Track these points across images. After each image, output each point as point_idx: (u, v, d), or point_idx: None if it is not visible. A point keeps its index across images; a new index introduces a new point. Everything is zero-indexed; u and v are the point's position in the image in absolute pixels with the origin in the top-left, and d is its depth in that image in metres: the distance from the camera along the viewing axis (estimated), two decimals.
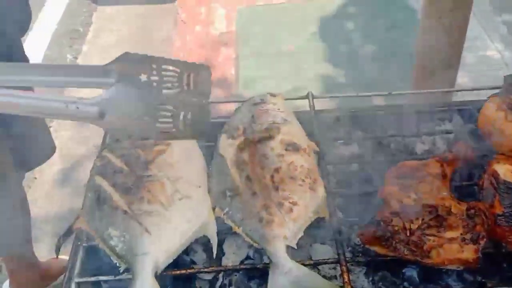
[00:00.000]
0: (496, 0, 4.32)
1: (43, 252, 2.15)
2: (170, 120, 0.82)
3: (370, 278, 1.05)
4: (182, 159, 1.11)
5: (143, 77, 0.82)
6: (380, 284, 1.04)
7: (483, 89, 1.32)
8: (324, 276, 1.06)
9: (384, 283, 1.04)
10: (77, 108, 0.78)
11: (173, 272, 1.00)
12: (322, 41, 4.01)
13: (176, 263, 1.03)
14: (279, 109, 1.20)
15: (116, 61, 0.83)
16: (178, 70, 0.83)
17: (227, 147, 1.13)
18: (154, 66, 0.84)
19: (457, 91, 1.38)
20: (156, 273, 0.96)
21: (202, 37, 4.10)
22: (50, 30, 4.07)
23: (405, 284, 1.03)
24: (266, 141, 1.12)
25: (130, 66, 0.83)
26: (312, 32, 4.07)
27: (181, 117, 0.82)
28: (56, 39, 4.01)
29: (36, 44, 3.92)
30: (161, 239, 0.99)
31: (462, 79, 3.60)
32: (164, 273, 0.99)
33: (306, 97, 1.34)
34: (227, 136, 1.15)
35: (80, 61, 3.93)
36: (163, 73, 0.83)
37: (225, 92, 3.44)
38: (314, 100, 1.33)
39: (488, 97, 1.21)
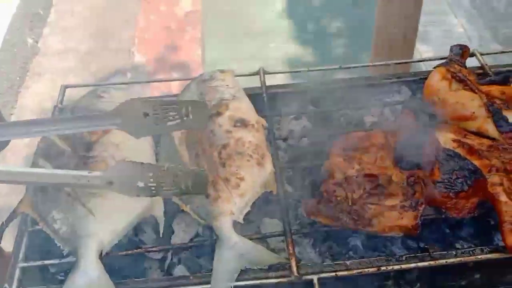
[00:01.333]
0: None
1: (8, 242, 2.11)
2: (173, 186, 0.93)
3: (317, 249, 1.07)
4: (128, 139, 1.08)
5: (146, 115, 0.94)
6: (327, 254, 1.06)
7: (430, 60, 1.33)
8: (273, 249, 1.08)
9: (330, 253, 1.06)
10: (88, 181, 0.90)
11: (119, 253, 0.99)
12: (289, 19, 3.99)
13: (124, 244, 1.03)
14: (227, 85, 1.19)
15: (121, 105, 0.92)
16: (177, 107, 0.94)
17: None
18: (155, 105, 0.94)
19: (405, 62, 1.39)
20: (101, 254, 0.96)
21: (167, 17, 4.03)
22: (9, 13, 3.92)
23: (350, 253, 1.05)
24: (214, 118, 1.11)
25: (133, 108, 0.93)
26: (279, 11, 4.04)
27: (183, 186, 0.93)
28: (15, 23, 3.86)
29: None
30: (105, 220, 0.98)
31: (427, 53, 3.64)
32: (111, 254, 0.98)
33: (257, 73, 1.33)
34: None
35: (41, 45, 3.82)
36: (164, 111, 0.94)
37: (191, 74, 3.40)
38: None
39: (434, 67, 1.23)
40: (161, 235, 1.02)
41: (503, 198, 0.97)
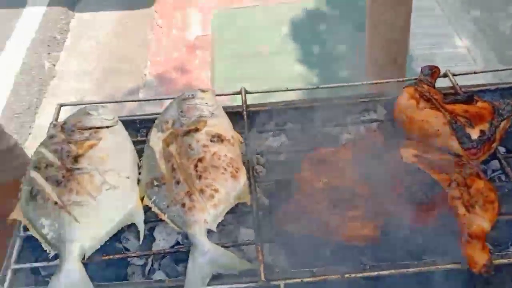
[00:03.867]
0: None
1: None
2: None
3: (289, 258, 1.13)
4: (113, 153, 1.18)
5: None
6: (298, 262, 1.11)
7: (408, 80, 1.40)
8: (249, 258, 1.14)
9: (301, 260, 1.11)
10: None
11: (102, 257, 1.07)
12: (295, 42, 4.10)
13: (109, 251, 1.11)
14: (207, 103, 1.28)
15: None
16: None
17: (156, 140, 1.21)
18: None
19: (380, 82, 1.46)
20: (84, 258, 1.04)
21: (178, 41, 4.19)
22: (28, 38, 4.15)
23: (321, 261, 1.10)
24: (193, 134, 1.20)
25: None
26: (286, 33, 4.16)
27: None
28: (34, 47, 4.08)
29: (14, 53, 4.00)
30: (88, 226, 1.06)
31: None
32: (95, 259, 1.06)
33: (239, 92, 1.42)
34: (157, 130, 1.23)
35: (58, 67, 4.01)
36: None
37: None
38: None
39: (404, 87, 1.29)
40: (140, 242, 1.10)
41: (461, 211, 1.01)
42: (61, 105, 1.38)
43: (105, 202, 1.10)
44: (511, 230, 1.10)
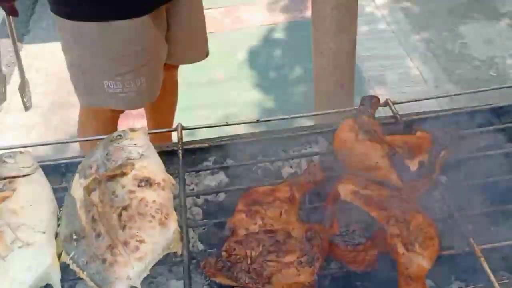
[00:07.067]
0: (413, 19, 4.56)
1: None
2: None
3: None
4: (28, 205, 1.07)
5: None
6: None
7: (344, 110, 1.36)
8: None
9: None
10: None
11: None
12: (251, 68, 4.09)
13: None
14: (135, 144, 1.19)
15: None
16: None
17: (77, 187, 1.11)
18: None
19: (321, 114, 1.42)
20: None
21: None
22: None
23: None
24: (118, 179, 1.10)
25: None
26: (241, 60, 4.15)
27: None
28: None
29: None
30: None
31: (383, 96, 3.74)
32: None
33: (175, 129, 1.34)
34: (79, 176, 1.13)
35: (4, 102, 3.83)
36: None
37: None
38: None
39: (343, 118, 1.25)
40: None
41: (400, 249, 0.96)
42: None
43: (16, 262, 0.98)
44: (452, 265, 1.05)
